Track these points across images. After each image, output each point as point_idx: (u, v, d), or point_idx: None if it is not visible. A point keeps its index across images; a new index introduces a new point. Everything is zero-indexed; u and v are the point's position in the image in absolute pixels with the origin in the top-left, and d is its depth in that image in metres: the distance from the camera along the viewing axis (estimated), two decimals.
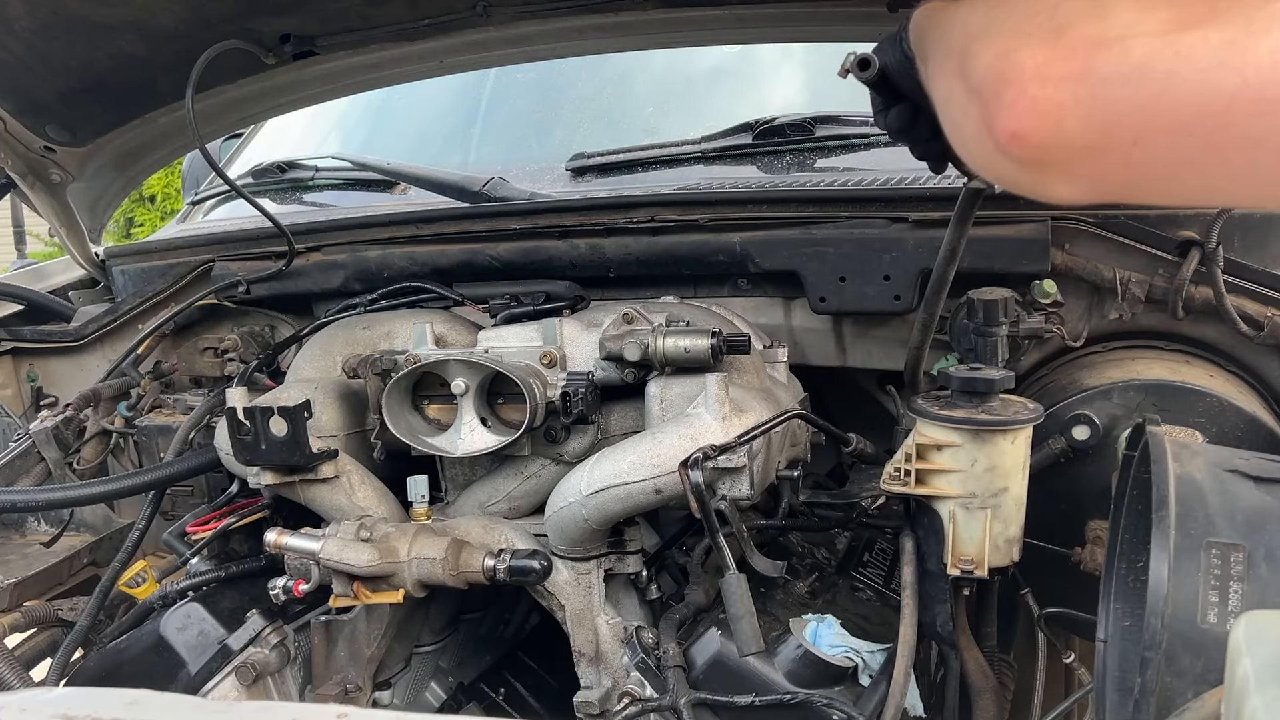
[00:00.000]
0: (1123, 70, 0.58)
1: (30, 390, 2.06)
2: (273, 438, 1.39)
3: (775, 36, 2.02)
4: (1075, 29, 0.60)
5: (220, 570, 1.59)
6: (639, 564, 1.48)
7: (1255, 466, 0.89)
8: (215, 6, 1.59)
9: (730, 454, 1.23)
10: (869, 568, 1.55)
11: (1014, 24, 0.65)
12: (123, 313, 2.01)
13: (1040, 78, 0.61)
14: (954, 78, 0.71)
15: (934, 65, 0.81)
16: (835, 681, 1.24)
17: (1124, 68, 0.58)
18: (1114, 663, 1.04)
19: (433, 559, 1.35)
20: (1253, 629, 0.60)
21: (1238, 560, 0.81)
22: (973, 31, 0.70)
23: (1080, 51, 0.60)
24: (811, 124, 1.93)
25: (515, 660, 1.96)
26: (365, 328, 1.65)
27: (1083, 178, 0.64)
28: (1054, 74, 0.60)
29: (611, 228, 1.69)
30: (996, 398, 1.20)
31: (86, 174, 2.02)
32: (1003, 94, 0.63)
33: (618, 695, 1.39)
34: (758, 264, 1.62)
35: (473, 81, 2.46)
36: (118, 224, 9.55)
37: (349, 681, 1.53)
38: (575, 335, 1.47)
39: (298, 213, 2.28)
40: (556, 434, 1.45)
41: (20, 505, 1.73)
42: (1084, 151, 0.61)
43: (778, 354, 1.56)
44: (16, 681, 1.43)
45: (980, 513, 1.18)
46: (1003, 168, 0.67)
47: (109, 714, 0.75)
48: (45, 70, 1.71)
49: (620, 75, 2.37)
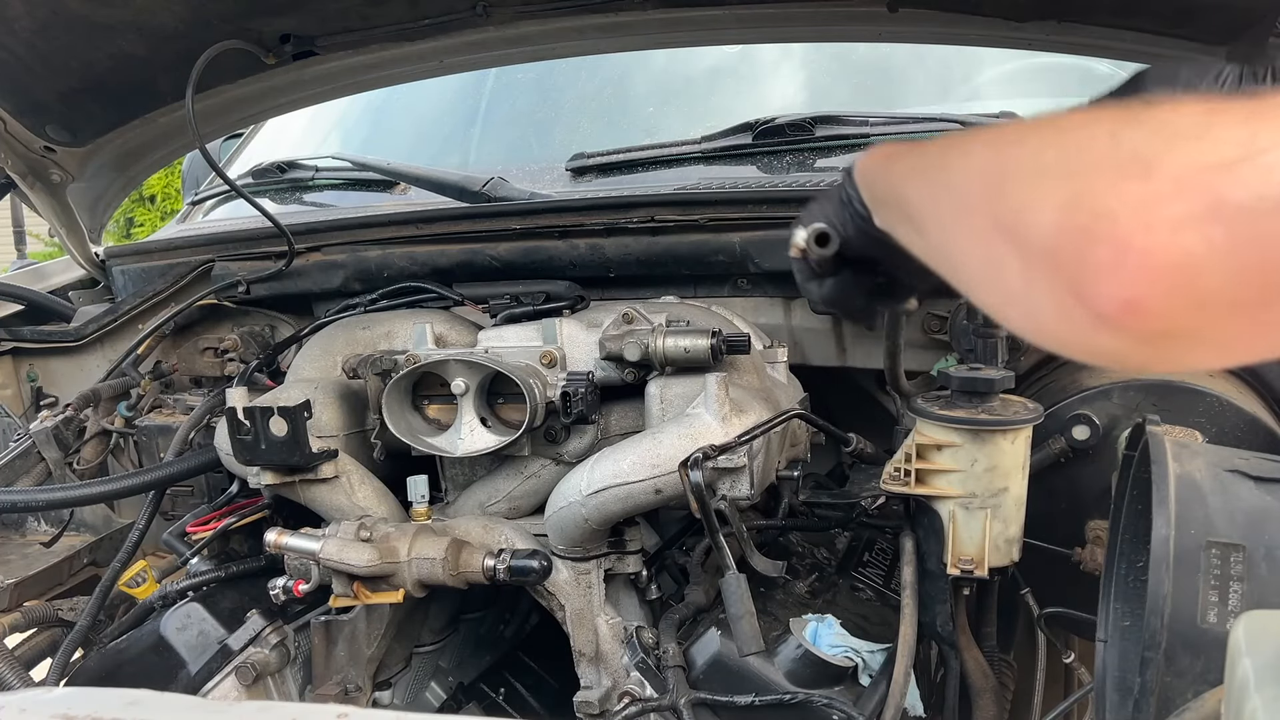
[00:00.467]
0: (1268, 196, 0.45)
1: (30, 390, 2.06)
2: (273, 438, 1.39)
3: (775, 36, 2.02)
4: (1170, 156, 0.48)
5: (220, 570, 1.59)
6: (639, 564, 1.48)
7: (1255, 466, 0.89)
8: (215, 6, 1.59)
9: (730, 454, 1.23)
10: (869, 568, 1.55)
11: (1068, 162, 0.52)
12: (123, 313, 2.01)
13: (1148, 225, 0.47)
14: (993, 240, 0.57)
15: (935, 225, 0.68)
16: (835, 681, 1.24)
17: (1268, 191, 0.45)
18: (1114, 663, 1.04)
19: (433, 559, 1.35)
20: (1253, 629, 0.60)
21: (1238, 560, 0.81)
22: (998, 178, 0.58)
23: (1196, 182, 0.46)
24: (811, 124, 1.93)
25: (515, 660, 1.96)
26: (365, 328, 1.65)
27: (1227, 342, 0.50)
28: (1168, 217, 0.46)
29: (611, 228, 1.69)
30: (996, 398, 1.20)
31: (86, 174, 2.02)
32: (1094, 254, 0.49)
33: (618, 695, 1.39)
34: (758, 264, 1.62)
35: (473, 81, 2.46)
36: (118, 224, 9.54)
37: (349, 681, 1.53)
38: (575, 335, 1.47)
39: (298, 213, 2.28)
40: (556, 434, 1.45)
41: (20, 505, 1.73)
42: (1231, 309, 0.47)
43: (778, 354, 1.56)
44: (16, 681, 1.43)
45: (980, 513, 1.18)
46: (1105, 344, 0.51)
47: (109, 714, 0.75)
48: (45, 70, 1.71)
49: (620, 75, 2.37)
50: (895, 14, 1.51)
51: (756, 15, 1.67)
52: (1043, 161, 0.54)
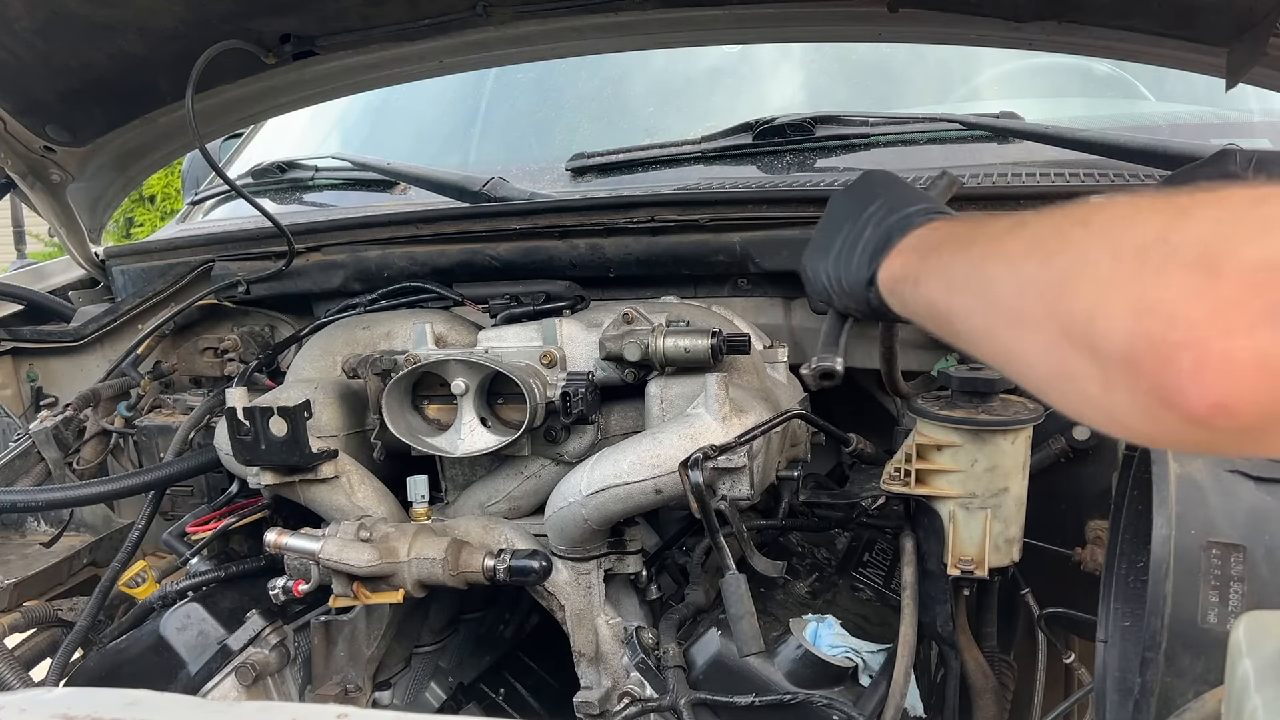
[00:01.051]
0: None
1: (30, 390, 2.05)
2: (273, 438, 1.39)
3: (775, 36, 2.02)
4: (1235, 255, 0.49)
5: (220, 570, 1.59)
6: (639, 564, 1.48)
7: (1255, 466, 0.89)
8: (215, 6, 1.58)
9: (730, 454, 1.23)
10: (869, 568, 1.55)
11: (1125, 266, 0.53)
12: (123, 313, 2.01)
13: (1226, 329, 0.48)
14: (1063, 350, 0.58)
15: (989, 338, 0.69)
16: (835, 681, 1.24)
17: None
18: (1114, 663, 1.04)
19: (433, 559, 1.35)
20: (1253, 629, 0.60)
21: (1238, 560, 0.81)
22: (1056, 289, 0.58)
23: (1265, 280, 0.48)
24: (811, 124, 1.93)
25: (515, 660, 1.96)
26: (365, 328, 1.65)
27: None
28: (1243, 319, 0.48)
29: (611, 228, 1.69)
30: (997, 398, 1.20)
31: (86, 174, 2.02)
32: (1176, 360, 0.50)
33: (618, 695, 1.39)
34: (758, 264, 1.62)
35: (473, 81, 2.46)
36: (118, 224, 9.54)
37: (349, 681, 1.53)
38: (575, 335, 1.47)
39: (298, 213, 2.28)
40: (556, 434, 1.45)
41: (20, 505, 1.72)
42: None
43: (778, 354, 1.56)
44: (16, 681, 1.43)
45: (980, 513, 1.18)
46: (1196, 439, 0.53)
47: (109, 714, 0.75)
48: (45, 70, 1.71)
49: (620, 75, 2.37)
50: (895, 14, 1.50)
51: (756, 15, 1.66)
52: (1100, 270, 0.55)
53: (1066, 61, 2.06)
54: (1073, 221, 0.61)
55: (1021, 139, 1.82)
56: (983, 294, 0.69)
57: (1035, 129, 1.81)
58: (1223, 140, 1.43)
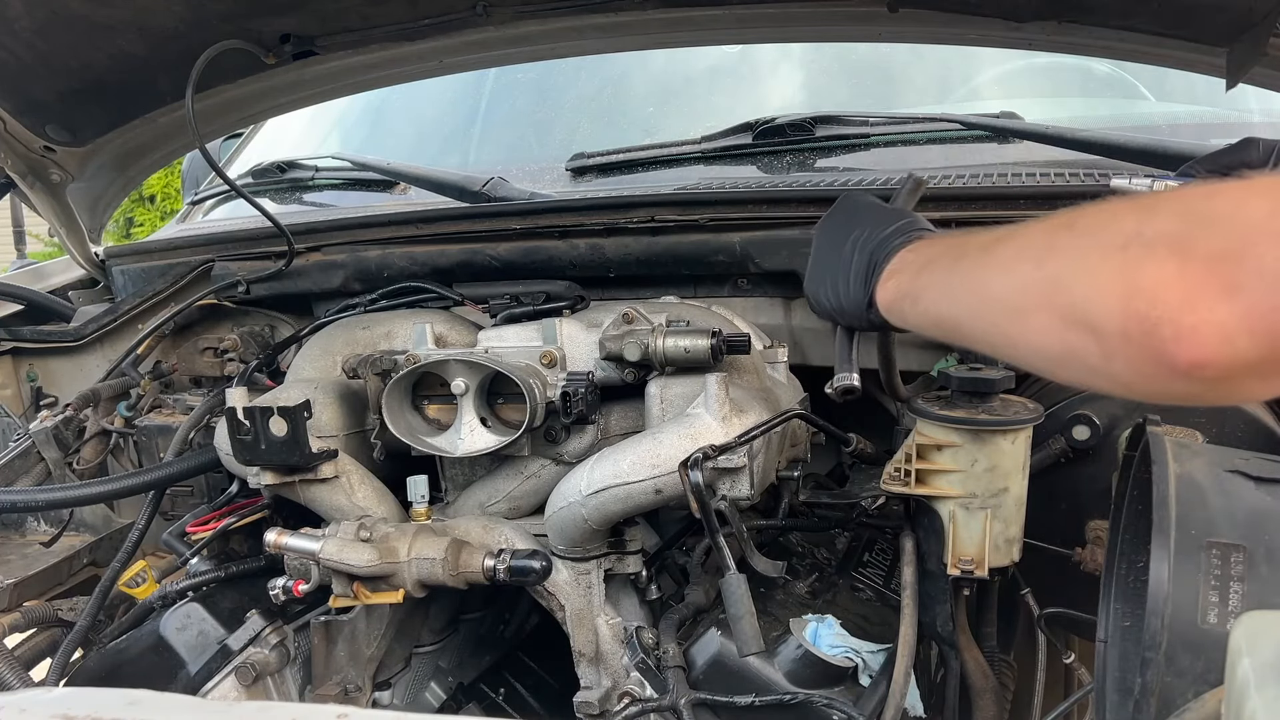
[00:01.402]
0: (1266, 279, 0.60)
1: (30, 390, 2.06)
2: (273, 438, 1.39)
3: (775, 36, 2.02)
4: (1197, 249, 0.63)
5: (220, 570, 1.59)
6: (639, 564, 1.48)
7: (1255, 466, 0.89)
8: (215, 6, 1.58)
9: (730, 454, 1.23)
10: (869, 568, 1.55)
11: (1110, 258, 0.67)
12: (123, 313, 2.01)
13: (1192, 305, 0.62)
14: (1066, 332, 0.71)
15: (996, 333, 0.81)
16: (835, 681, 1.24)
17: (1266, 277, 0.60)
18: (1114, 663, 1.04)
19: (433, 559, 1.35)
20: (1253, 629, 0.60)
21: (1238, 560, 0.80)
22: (1052, 284, 0.72)
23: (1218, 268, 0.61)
24: (811, 124, 1.93)
25: (515, 660, 1.96)
26: (365, 328, 1.65)
27: (1270, 379, 0.65)
28: (1204, 297, 0.62)
29: (611, 228, 1.69)
30: (997, 398, 1.20)
31: (86, 174, 2.02)
32: (1160, 331, 0.64)
33: (618, 695, 1.39)
34: (758, 264, 1.62)
35: (473, 81, 2.46)
36: (118, 224, 9.55)
37: (349, 681, 1.53)
38: (575, 335, 1.47)
39: (298, 213, 2.28)
40: (556, 434, 1.45)
41: (20, 505, 1.72)
42: (1264, 362, 0.62)
43: (778, 354, 1.56)
44: (16, 681, 1.43)
45: (980, 513, 1.18)
46: (1181, 390, 0.67)
47: (109, 714, 0.75)
48: (45, 70, 1.71)
49: (620, 75, 2.37)
50: (895, 14, 1.51)
51: (756, 15, 1.67)
52: (1090, 264, 0.69)
53: (1066, 61, 2.06)
54: (1057, 227, 0.75)
55: (1021, 139, 1.82)
56: (985, 297, 0.82)
57: (1035, 129, 1.81)
58: (1222, 140, 1.43)
